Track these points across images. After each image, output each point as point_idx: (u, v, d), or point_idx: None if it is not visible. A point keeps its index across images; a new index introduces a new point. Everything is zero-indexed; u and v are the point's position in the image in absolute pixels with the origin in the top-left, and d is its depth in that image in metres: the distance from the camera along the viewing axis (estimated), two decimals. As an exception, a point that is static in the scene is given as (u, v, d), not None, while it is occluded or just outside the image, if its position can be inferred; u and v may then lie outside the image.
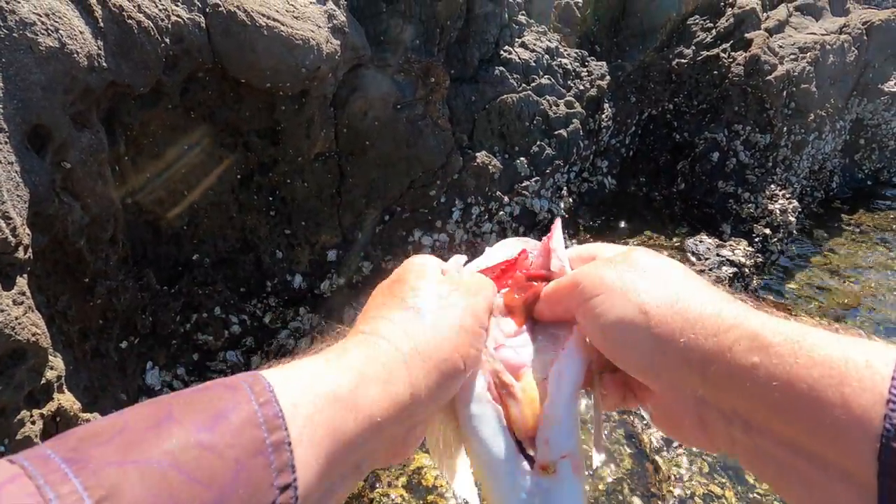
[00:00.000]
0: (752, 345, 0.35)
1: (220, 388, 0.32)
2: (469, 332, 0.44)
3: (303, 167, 2.33)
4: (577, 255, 0.53)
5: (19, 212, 1.16)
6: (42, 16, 1.15)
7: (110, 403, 1.71)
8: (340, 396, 0.34)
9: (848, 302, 3.16)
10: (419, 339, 0.41)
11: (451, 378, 0.42)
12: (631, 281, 0.42)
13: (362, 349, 0.39)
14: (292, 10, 1.85)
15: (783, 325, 0.35)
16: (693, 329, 0.38)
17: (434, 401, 0.41)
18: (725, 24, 4.02)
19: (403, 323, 0.42)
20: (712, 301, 0.39)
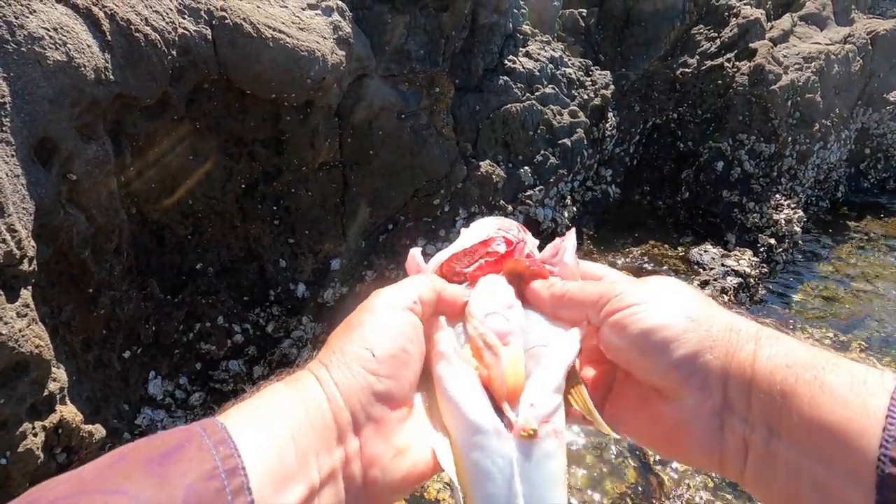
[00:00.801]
0: (774, 365, 0.38)
1: (171, 432, 0.34)
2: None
3: (307, 176, 2.33)
4: (585, 272, 0.54)
5: (25, 224, 1.17)
6: (50, 30, 1.16)
7: (112, 414, 1.71)
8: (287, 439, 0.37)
9: (855, 311, 3.14)
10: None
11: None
12: (660, 298, 0.45)
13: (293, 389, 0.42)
14: (298, 21, 1.86)
15: (800, 350, 0.39)
16: (717, 345, 0.41)
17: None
18: (730, 33, 4.02)
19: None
20: (733, 320, 0.43)
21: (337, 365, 0.43)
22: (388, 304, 0.47)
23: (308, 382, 0.42)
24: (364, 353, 0.43)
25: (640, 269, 3.49)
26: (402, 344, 0.45)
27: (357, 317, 0.46)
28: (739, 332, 0.42)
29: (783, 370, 0.38)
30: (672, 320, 0.43)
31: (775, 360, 0.39)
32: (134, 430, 1.78)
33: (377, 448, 0.41)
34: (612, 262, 3.55)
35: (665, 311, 0.44)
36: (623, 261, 3.54)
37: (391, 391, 0.43)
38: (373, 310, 0.46)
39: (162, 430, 1.54)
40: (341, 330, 0.46)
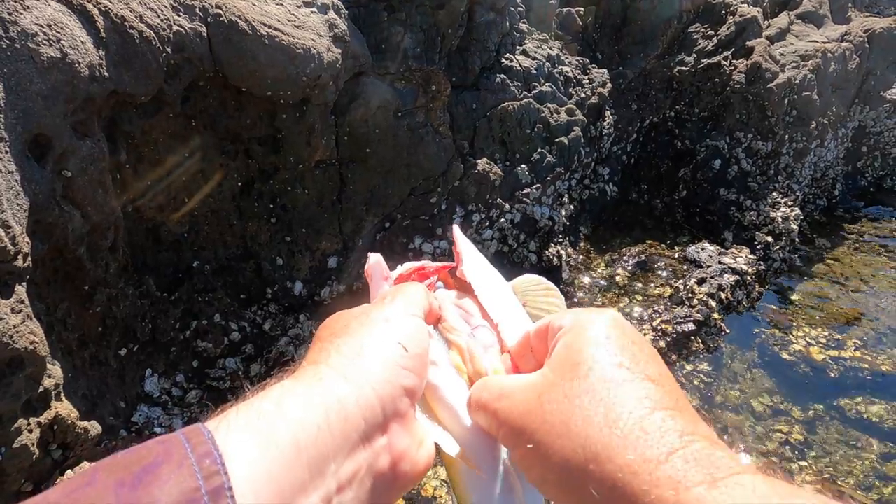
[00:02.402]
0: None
1: (151, 445, 0.31)
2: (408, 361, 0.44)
3: (303, 174, 2.33)
4: (536, 332, 0.49)
5: (19, 220, 1.17)
6: (44, 26, 1.16)
7: (109, 411, 1.71)
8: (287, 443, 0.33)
9: (850, 311, 3.14)
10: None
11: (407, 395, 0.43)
12: (550, 428, 0.37)
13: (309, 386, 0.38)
14: (294, 19, 1.86)
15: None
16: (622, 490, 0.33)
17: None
18: (726, 31, 4.03)
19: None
20: (640, 462, 0.33)
21: (367, 360, 0.41)
22: (405, 313, 0.47)
23: (332, 380, 0.39)
24: (396, 349, 0.43)
25: (637, 267, 3.49)
26: (425, 345, 0.46)
27: (367, 322, 0.45)
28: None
29: None
30: (549, 473, 0.37)
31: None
32: (130, 427, 1.78)
33: (404, 442, 0.41)
34: (610, 261, 3.55)
35: (541, 461, 0.37)
36: (621, 260, 3.55)
37: (416, 387, 0.44)
38: (389, 317, 0.46)
39: (158, 427, 1.54)
40: (346, 332, 0.44)
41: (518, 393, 0.42)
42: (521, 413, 0.40)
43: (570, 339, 0.42)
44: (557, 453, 0.36)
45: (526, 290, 0.60)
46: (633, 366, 0.39)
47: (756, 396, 2.61)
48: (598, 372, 0.38)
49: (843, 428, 2.46)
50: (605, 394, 0.37)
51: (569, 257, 3.49)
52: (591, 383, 0.38)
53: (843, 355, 2.80)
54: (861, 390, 2.64)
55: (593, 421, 0.36)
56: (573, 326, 0.43)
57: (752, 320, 3.14)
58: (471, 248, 0.63)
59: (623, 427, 0.35)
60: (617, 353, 0.40)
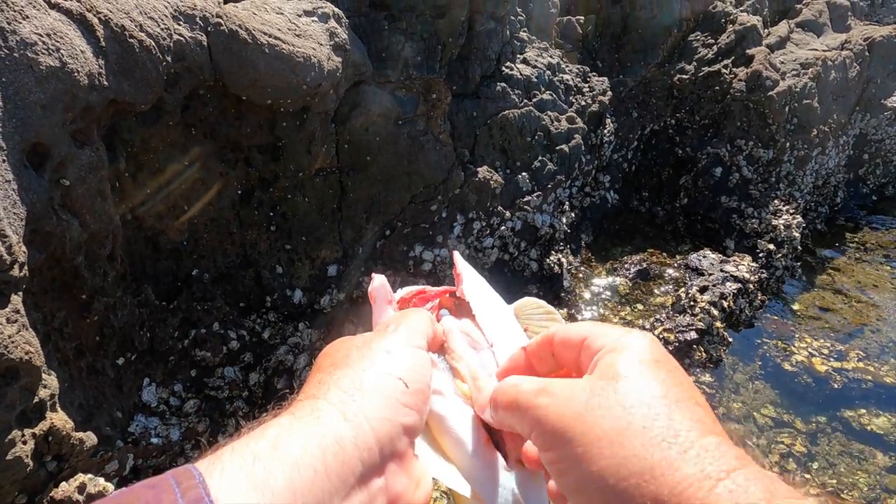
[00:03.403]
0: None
1: (139, 489, 0.30)
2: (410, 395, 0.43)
3: (303, 182, 2.33)
4: (564, 339, 0.47)
5: (15, 230, 1.16)
6: (43, 36, 1.16)
7: (105, 421, 1.69)
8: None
9: (852, 321, 3.12)
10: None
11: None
12: (600, 431, 0.37)
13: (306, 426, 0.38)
14: (294, 28, 1.87)
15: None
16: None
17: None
18: (726, 40, 4.04)
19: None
20: (698, 478, 0.33)
21: (367, 396, 0.40)
22: (407, 343, 0.46)
23: (330, 417, 0.38)
24: (397, 385, 0.42)
25: (638, 275, 3.48)
26: (427, 380, 0.45)
27: (368, 354, 0.44)
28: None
29: None
30: (584, 486, 0.36)
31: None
32: (127, 437, 1.76)
33: (401, 483, 0.40)
34: (611, 269, 3.54)
35: (577, 473, 0.36)
36: (622, 268, 3.54)
37: (416, 425, 0.42)
38: (391, 349, 0.45)
39: (155, 437, 1.52)
40: (347, 363, 0.43)
41: (562, 391, 0.40)
42: (564, 413, 0.39)
43: (616, 357, 0.41)
44: (607, 459, 0.35)
45: (527, 314, 0.60)
46: (680, 389, 0.39)
47: (759, 408, 2.59)
48: (651, 387, 0.38)
49: (846, 440, 2.43)
50: (662, 409, 0.36)
51: (570, 265, 3.48)
52: (645, 396, 0.37)
53: (845, 366, 2.77)
54: (864, 402, 2.61)
55: (651, 431, 0.35)
56: (618, 345, 0.42)
57: (755, 330, 3.12)
58: (471, 272, 0.63)
59: (682, 442, 0.34)
60: (665, 374, 0.40)
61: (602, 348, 0.43)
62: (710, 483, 0.32)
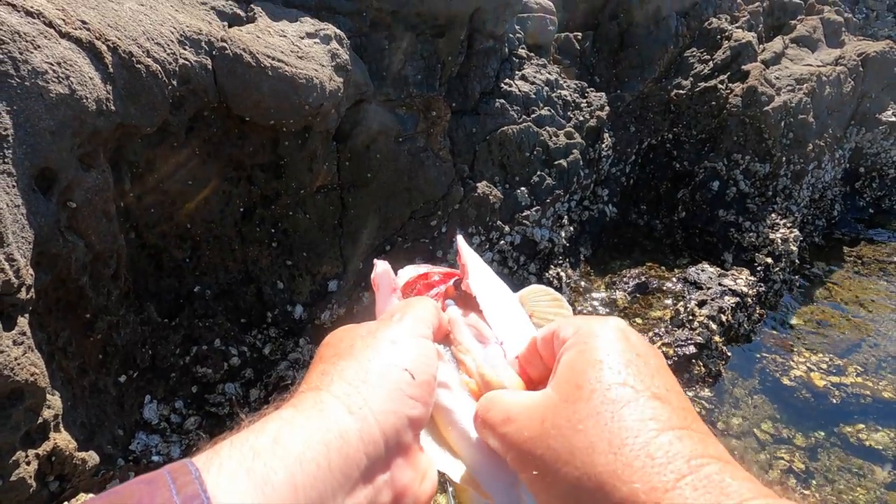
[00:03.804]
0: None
1: (134, 486, 0.29)
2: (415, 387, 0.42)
3: (305, 199, 2.36)
4: (543, 339, 0.47)
5: (23, 253, 1.18)
6: (54, 64, 1.19)
7: (107, 439, 1.70)
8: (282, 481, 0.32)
9: (850, 336, 3.14)
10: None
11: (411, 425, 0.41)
12: (553, 455, 0.36)
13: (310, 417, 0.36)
14: (297, 50, 1.90)
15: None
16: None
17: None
18: (722, 56, 4.10)
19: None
20: (648, 492, 0.32)
21: (372, 388, 0.39)
22: (412, 332, 0.45)
23: (334, 410, 0.37)
24: (403, 376, 0.40)
25: (637, 289, 3.49)
26: (433, 371, 0.44)
27: (373, 344, 0.43)
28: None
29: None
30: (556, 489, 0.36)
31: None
32: (128, 455, 1.77)
33: (407, 476, 0.39)
34: (610, 283, 3.56)
35: (553, 478, 0.36)
36: (621, 281, 3.55)
37: (422, 417, 0.41)
38: (397, 339, 0.44)
39: (156, 455, 1.53)
40: (351, 354, 0.42)
41: (522, 417, 0.40)
42: (525, 438, 0.39)
43: (573, 358, 0.40)
44: (563, 480, 0.35)
45: (533, 301, 0.59)
46: (637, 383, 0.37)
47: (758, 423, 2.59)
48: (601, 394, 0.37)
49: (845, 455, 2.43)
50: (609, 417, 0.35)
51: (569, 279, 3.49)
52: (594, 406, 0.36)
53: (844, 381, 2.78)
54: (863, 417, 2.62)
55: (598, 447, 0.34)
56: (575, 342, 0.41)
57: (753, 344, 3.13)
58: (475, 259, 0.61)
59: (629, 453, 0.33)
60: (620, 371, 0.38)
61: (564, 342, 0.42)
62: (657, 496, 0.31)
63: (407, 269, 0.62)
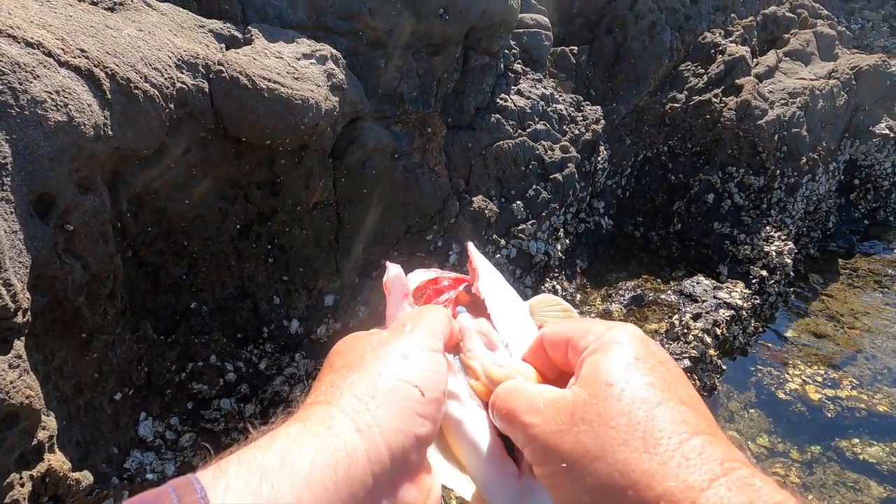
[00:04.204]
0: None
1: (138, 502, 0.29)
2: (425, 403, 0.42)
3: (301, 216, 2.38)
4: (551, 341, 0.47)
5: (20, 277, 1.20)
6: (53, 93, 1.22)
7: (102, 458, 1.71)
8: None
9: (846, 348, 3.15)
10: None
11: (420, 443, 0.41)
12: (584, 450, 0.36)
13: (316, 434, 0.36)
14: (293, 71, 1.94)
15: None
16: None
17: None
18: (716, 70, 4.14)
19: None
20: (682, 490, 0.33)
21: (382, 404, 0.39)
22: (423, 345, 0.45)
23: (342, 427, 0.37)
24: (412, 393, 0.40)
25: (633, 301, 3.51)
26: (443, 387, 0.44)
27: (384, 356, 0.43)
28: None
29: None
30: (577, 498, 0.36)
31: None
32: (123, 473, 1.78)
33: (411, 496, 0.38)
34: (606, 296, 3.57)
35: (570, 486, 0.36)
36: (616, 294, 3.57)
37: (429, 435, 0.41)
38: (408, 352, 0.43)
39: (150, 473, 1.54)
40: (361, 366, 0.42)
41: (550, 408, 0.40)
42: (552, 431, 0.38)
43: (599, 359, 0.40)
44: (592, 476, 0.35)
45: (543, 311, 0.58)
46: (665, 387, 0.38)
47: (754, 437, 2.60)
48: (633, 393, 0.37)
49: (840, 470, 2.44)
50: (643, 416, 0.36)
51: (565, 292, 3.51)
52: (626, 404, 0.37)
53: (839, 394, 2.79)
54: (858, 431, 2.62)
55: (631, 444, 0.35)
56: (599, 345, 0.41)
57: (748, 357, 3.14)
58: (486, 264, 0.61)
59: (663, 452, 0.34)
60: (648, 374, 0.38)
61: (585, 348, 0.42)
62: (693, 494, 0.32)
63: (417, 273, 0.62)
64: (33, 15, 1.26)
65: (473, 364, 0.50)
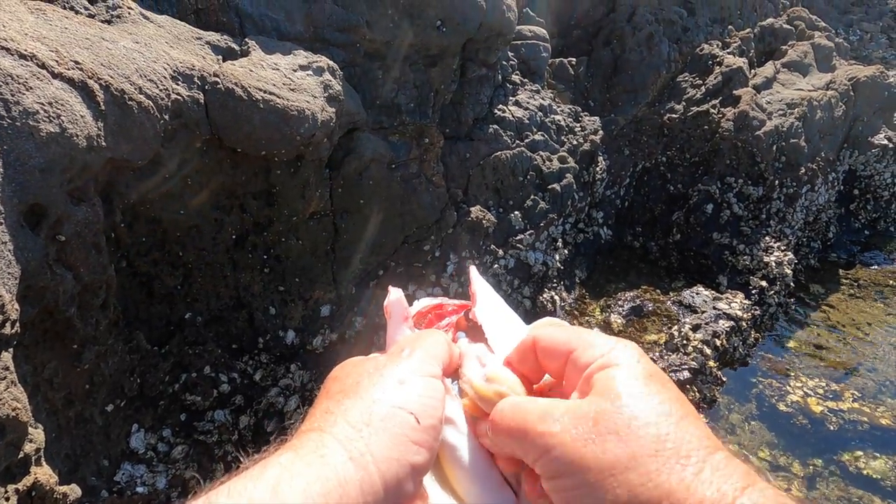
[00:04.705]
0: None
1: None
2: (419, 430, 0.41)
3: (297, 226, 2.38)
4: (547, 348, 0.45)
5: (9, 289, 1.20)
6: (45, 104, 1.22)
7: (92, 471, 1.69)
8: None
9: (847, 360, 3.11)
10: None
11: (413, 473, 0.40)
12: (613, 457, 0.35)
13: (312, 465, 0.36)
14: (289, 82, 1.95)
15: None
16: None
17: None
18: (714, 81, 4.16)
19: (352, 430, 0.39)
20: (716, 494, 0.33)
21: (376, 432, 0.38)
22: (421, 371, 0.44)
23: (334, 456, 0.36)
24: (407, 420, 0.39)
25: (632, 312, 3.49)
26: (439, 413, 0.43)
27: (380, 382, 0.42)
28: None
29: None
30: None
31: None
32: (112, 487, 1.75)
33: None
34: (605, 307, 3.55)
35: (592, 496, 0.36)
36: (616, 305, 3.55)
37: (425, 463, 0.40)
38: (404, 378, 0.43)
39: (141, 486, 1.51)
40: (357, 392, 0.41)
41: (567, 417, 0.38)
42: (573, 439, 0.37)
43: (615, 373, 0.40)
44: (623, 486, 0.34)
45: None
46: (680, 404, 0.38)
47: (755, 451, 2.56)
48: (656, 406, 0.37)
49: (843, 484, 2.40)
50: (671, 428, 0.36)
51: (563, 302, 3.49)
52: (653, 416, 0.36)
53: (841, 407, 2.76)
54: (861, 444, 2.58)
55: (663, 455, 0.34)
56: (609, 361, 0.41)
57: (749, 369, 3.11)
58: (486, 289, 0.60)
59: (696, 463, 0.34)
60: (664, 390, 0.39)
61: (592, 363, 0.41)
62: (728, 500, 0.32)
63: (422, 300, 0.62)
64: (28, 27, 1.27)
65: (464, 386, 0.49)
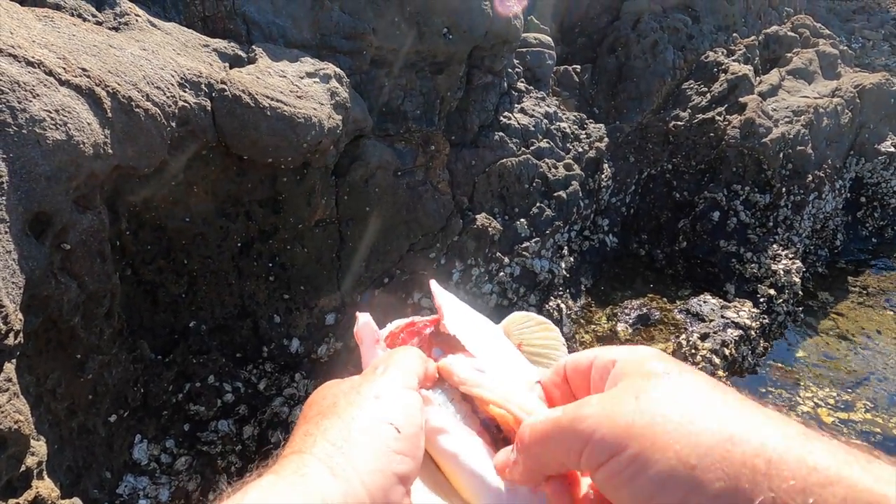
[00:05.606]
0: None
1: None
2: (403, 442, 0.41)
3: (303, 233, 2.36)
4: (574, 365, 0.44)
5: (13, 298, 1.18)
6: (52, 112, 1.21)
7: (94, 483, 1.66)
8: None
9: (858, 369, 3.07)
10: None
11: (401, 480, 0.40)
12: (662, 419, 0.33)
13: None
14: (296, 90, 1.94)
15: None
16: (771, 483, 0.29)
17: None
18: (719, 88, 4.15)
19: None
20: (784, 438, 0.31)
21: (357, 446, 0.38)
22: (397, 385, 0.44)
23: (316, 474, 0.36)
24: (388, 431, 0.40)
25: (639, 321, 3.45)
26: (420, 421, 0.43)
27: (357, 399, 0.42)
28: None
29: None
30: (667, 469, 0.32)
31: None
32: (115, 499, 1.72)
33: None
34: (611, 315, 3.52)
35: (657, 461, 0.32)
36: (622, 313, 3.52)
37: (410, 472, 0.40)
38: (380, 392, 0.43)
39: (143, 499, 1.49)
40: (334, 412, 0.41)
41: (602, 399, 0.37)
42: (618, 414, 0.34)
43: (642, 362, 0.39)
44: (680, 443, 0.31)
45: (518, 329, 0.57)
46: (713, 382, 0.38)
47: (765, 462, 2.51)
48: (696, 382, 0.36)
49: (857, 498, 2.35)
50: (718, 395, 0.34)
51: (569, 310, 3.46)
52: (692, 389, 0.35)
53: (853, 418, 2.71)
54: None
55: (718, 409, 0.32)
56: (633, 356, 0.40)
57: (758, 378, 3.07)
58: (450, 299, 0.60)
59: (752, 410, 0.33)
60: (696, 371, 0.39)
61: (615, 361, 0.41)
62: (797, 443, 0.30)
63: (394, 322, 0.62)
64: (35, 35, 1.26)
65: (484, 393, 0.48)
